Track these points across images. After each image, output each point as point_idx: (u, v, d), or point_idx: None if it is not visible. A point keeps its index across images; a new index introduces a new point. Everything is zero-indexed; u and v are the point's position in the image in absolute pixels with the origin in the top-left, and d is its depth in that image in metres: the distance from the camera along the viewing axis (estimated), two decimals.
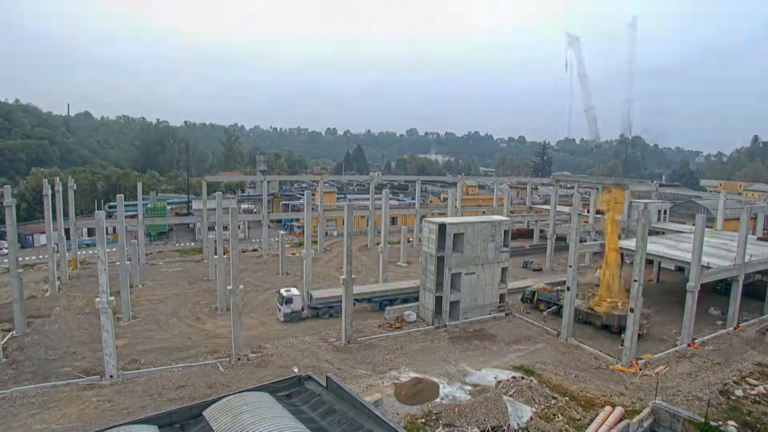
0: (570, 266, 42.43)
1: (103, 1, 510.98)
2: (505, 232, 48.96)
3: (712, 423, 28.28)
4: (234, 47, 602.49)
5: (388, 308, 47.71)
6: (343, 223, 43.97)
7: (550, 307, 49.08)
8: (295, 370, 33.84)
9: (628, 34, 47.88)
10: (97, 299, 32.84)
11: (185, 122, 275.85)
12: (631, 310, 37.36)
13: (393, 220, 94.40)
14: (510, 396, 31.49)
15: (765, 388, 33.95)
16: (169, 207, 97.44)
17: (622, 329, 41.35)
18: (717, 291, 54.87)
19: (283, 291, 47.32)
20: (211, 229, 72.04)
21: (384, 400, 30.38)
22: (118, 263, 48.11)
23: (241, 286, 39.99)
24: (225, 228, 54.16)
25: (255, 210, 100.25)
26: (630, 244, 56.60)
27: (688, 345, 41.12)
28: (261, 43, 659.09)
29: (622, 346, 38.67)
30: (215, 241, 56.34)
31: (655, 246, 51.41)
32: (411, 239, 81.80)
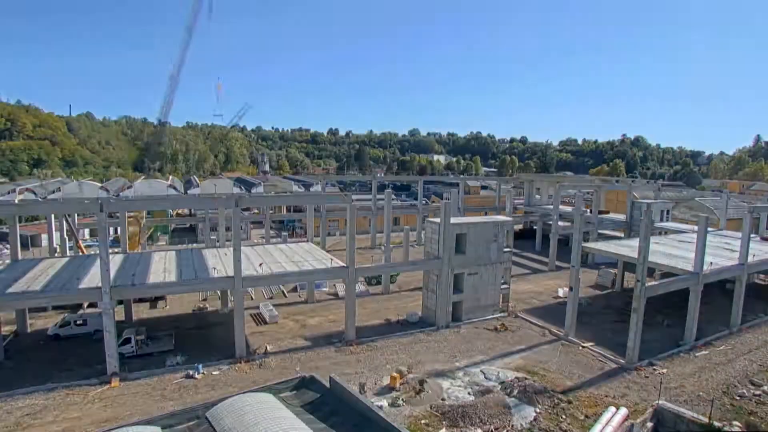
0: (572, 266, 42.37)
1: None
2: (507, 232, 48.84)
3: (715, 423, 28.22)
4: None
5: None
6: (346, 224, 43.93)
7: None
8: (298, 369, 33.82)
9: None
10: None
11: (187, 123, 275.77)
12: (634, 310, 37.21)
13: (396, 221, 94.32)
14: (513, 396, 31.46)
15: None
16: None
17: None
18: None
19: None
20: (213, 229, 72.03)
21: (386, 401, 30.36)
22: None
23: None
24: (227, 228, 54.26)
25: (256, 210, 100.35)
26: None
27: (693, 346, 41.01)
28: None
29: None
30: (217, 241, 56.40)
31: (653, 246, 49.96)
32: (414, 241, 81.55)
